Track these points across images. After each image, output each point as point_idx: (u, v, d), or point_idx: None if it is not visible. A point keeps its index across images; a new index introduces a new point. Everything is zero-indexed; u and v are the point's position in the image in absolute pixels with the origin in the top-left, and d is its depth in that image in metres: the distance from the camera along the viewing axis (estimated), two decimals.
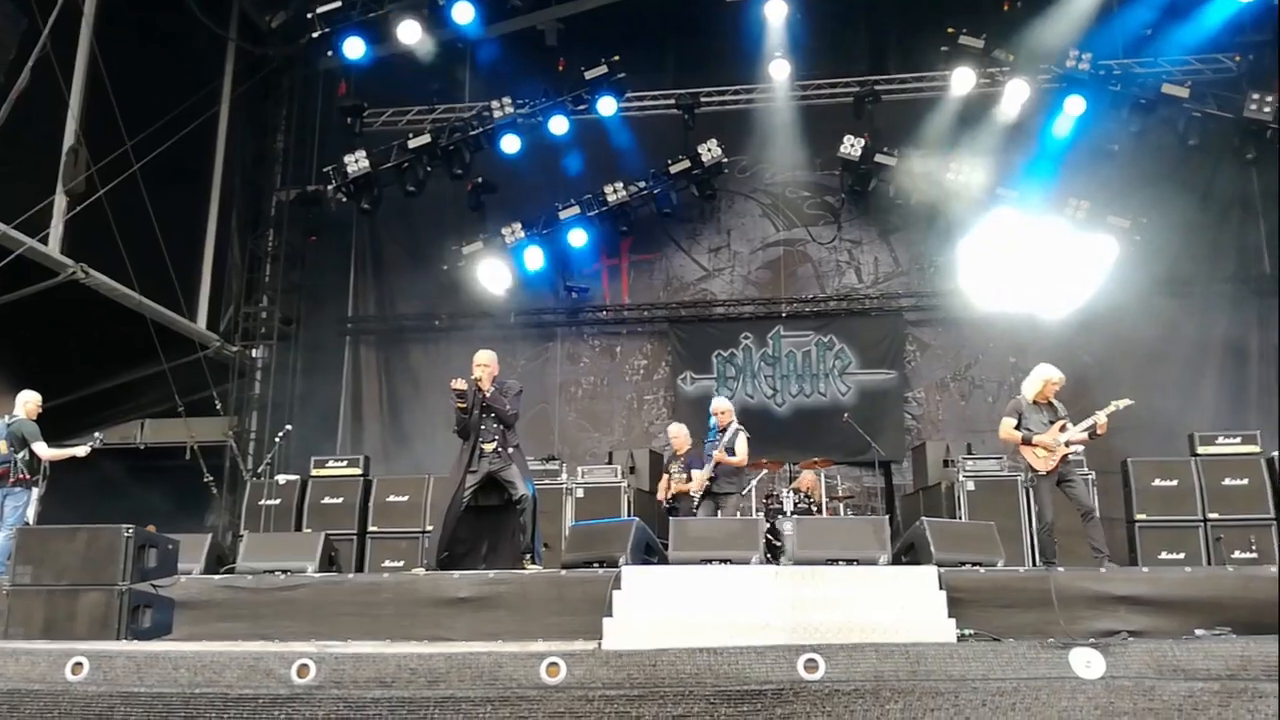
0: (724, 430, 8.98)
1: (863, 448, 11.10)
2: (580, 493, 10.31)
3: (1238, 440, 9.75)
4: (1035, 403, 7.82)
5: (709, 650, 3.69)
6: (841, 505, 11.00)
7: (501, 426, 7.73)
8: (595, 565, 7.15)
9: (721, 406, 9.25)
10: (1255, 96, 11.36)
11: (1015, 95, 11.95)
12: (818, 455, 10.91)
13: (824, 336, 13.27)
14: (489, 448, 7.67)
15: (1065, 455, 7.62)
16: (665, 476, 9.52)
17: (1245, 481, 9.38)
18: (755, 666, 3.63)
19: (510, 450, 7.75)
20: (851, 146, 12.22)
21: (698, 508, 8.86)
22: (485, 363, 7.81)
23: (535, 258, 12.93)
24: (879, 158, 12.22)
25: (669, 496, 9.34)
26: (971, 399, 12.93)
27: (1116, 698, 3.45)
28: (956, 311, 12.77)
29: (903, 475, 12.52)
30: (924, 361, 13.17)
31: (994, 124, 12.17)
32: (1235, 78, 12.16)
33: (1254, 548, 9.10)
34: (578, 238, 12.90)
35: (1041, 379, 7.85)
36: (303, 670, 3.64)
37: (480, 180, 12.95)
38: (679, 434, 9.64)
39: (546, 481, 10.36)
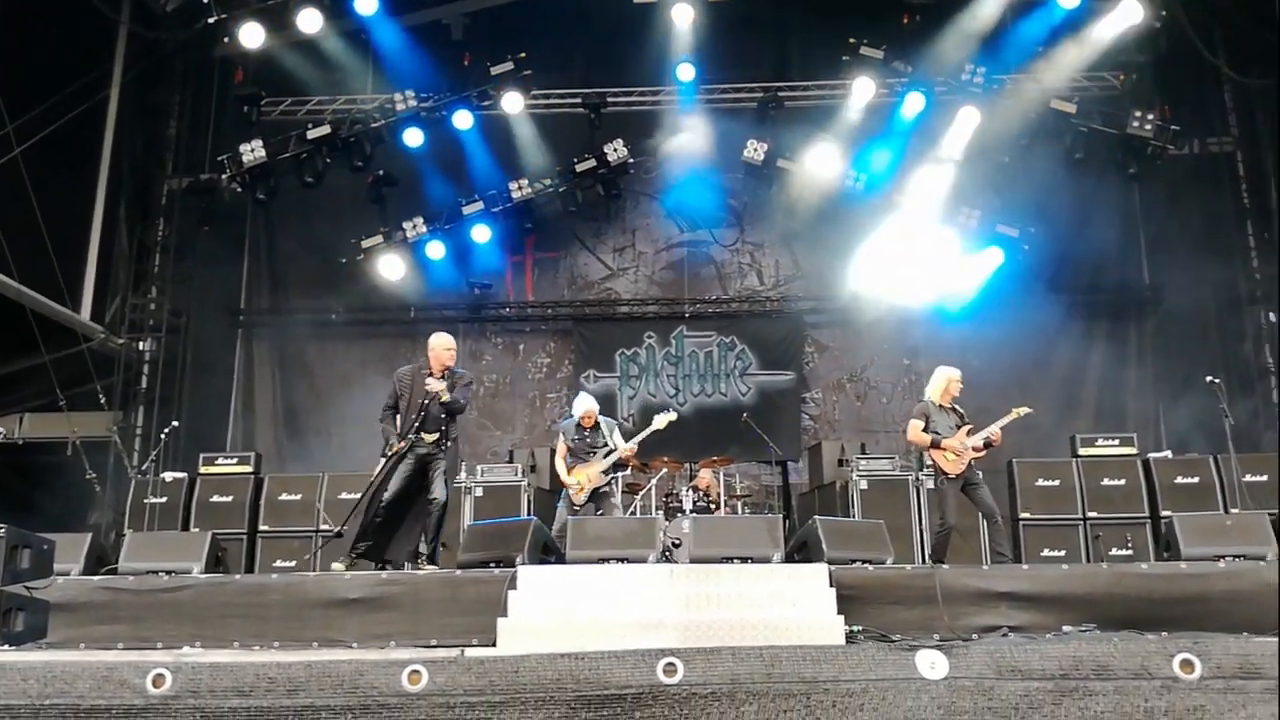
0: (591, 428, 8.84)
1: (761, 447, 11.27)
2: (479, 492, 10.22)
3: (1116, 442, 10.17)
4: (940, 405, 8.04)
5: (571, 655, 3.74)
6: (740, 504, 11.15)
7: (447, 417, 7.61)
8: (492, 565, 7.12)
9: (583, 409, 8.94)
10: (1137, 114, 11.88)
11: (912, 106, 12.27)
12: (717, 454, 11.03)
13: (725, 337, 13.43)
14: (430, 438, 7.53)
15: (971, 459, 7.82)
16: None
17: (1123, 482, 9.79)
18: (616, 671, 3.70)
19: (448, 444, 7.64)
20: (754, 151, 12.40)
21: (582, 507, 8.73)
22: (451, 347, 7.70)
23: (437, 253, 12.80)
24: (781, 163, 12.43)
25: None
26: (867, 400, 13.25)
27: (958, 697, 3.62)
28: (853, 314, 13.07)
29: (799, 474, 12.75)
30: (822, 363, 13.44)
31: (892, 133, 12.48)
32: (1119, 95, 12.71)
33: (1130, 545, 9.53)
34: (481, 234, 12.81)
35: (944, 379, 8.09)
36: (158, 680, 3.56)
37: (381, 173, 12.75)
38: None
39: None
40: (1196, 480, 9.61)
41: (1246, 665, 3.68)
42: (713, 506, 10.55)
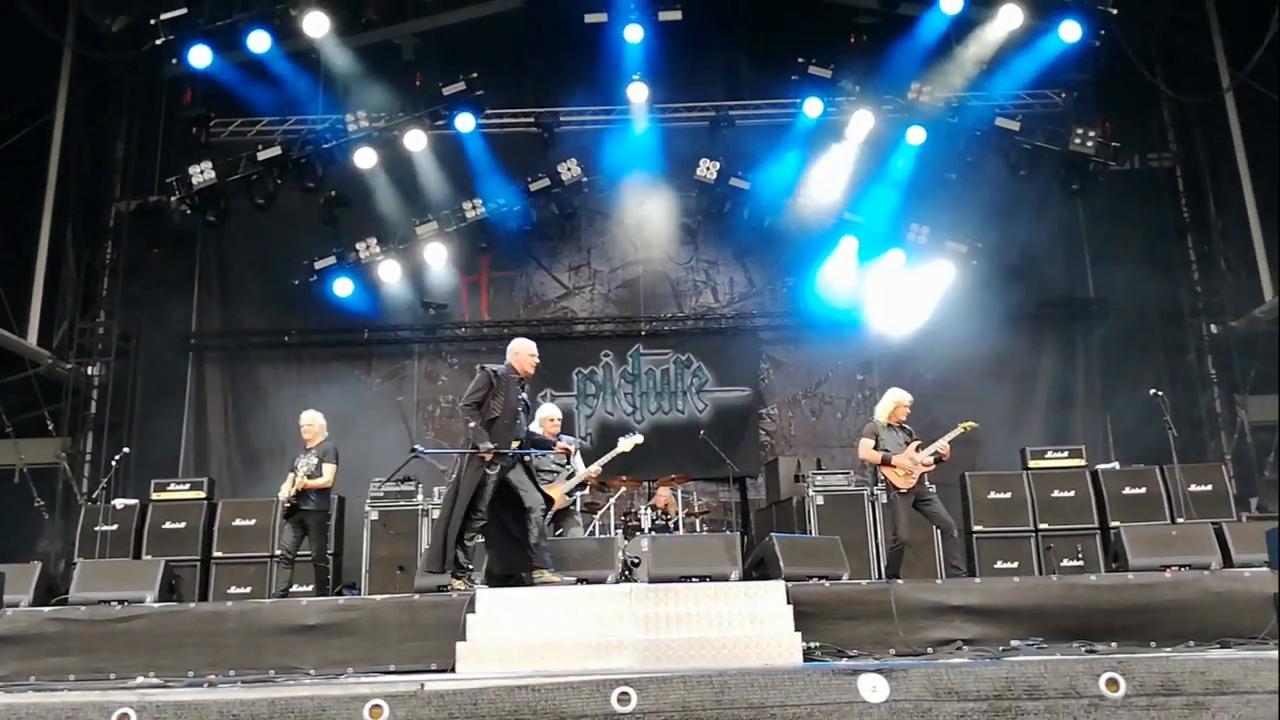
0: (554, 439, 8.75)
1: (719, 464, 11.34)
2: (435, 514, 10.16)
3: (1065, 454, 10.37)
4: (889, 425, 8.17)
5: (528, 688, 3.79)
6: (698, 521, 11.21)
7: (525, 424, 7.57)
8: (450, 589, 7.09)
9: (556, 414, 8.89)
10: (1079, 131, 12.15)
11: (861, 124, 12.49)
12: (675, 472, 11.07)
13: (682, 355, 13.52)
14: (514, 444, 7.38)
15: (923, 474, 7.94)
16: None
17: (1072, 493, 9.99)
18: (571, 701, 3.77)
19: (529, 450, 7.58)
20: (707, 170, 12.53)
21: (554, 524, 8.73)
22: (535, 354, 7.65)
23: (391, 274, 12.77)
24: (733, 181, 12.57)
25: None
26: (822, 415, 13.40)
27: (899, 719, 3.74)
28: (807, 331, 13.24)
29: (757, 490, 12.86)
30: (777, 379, 13.58)
31: (841, 151, 12.67)
32: (1061, 112, 13.01)
33: (1080, 555, 9.73)
34: (435, 254, 12.80)
35: (893, 402, 8.22)
36: None
37: (334, 194, 12.69)
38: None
39: (402, 503, 10.25)
40: (1143, 491, 9.83)
41: (1168, 682, 3.85)
42: (671, 525, 10.59)
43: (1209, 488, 9.70)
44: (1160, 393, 8.98)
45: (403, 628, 6.66)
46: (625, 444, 8.91)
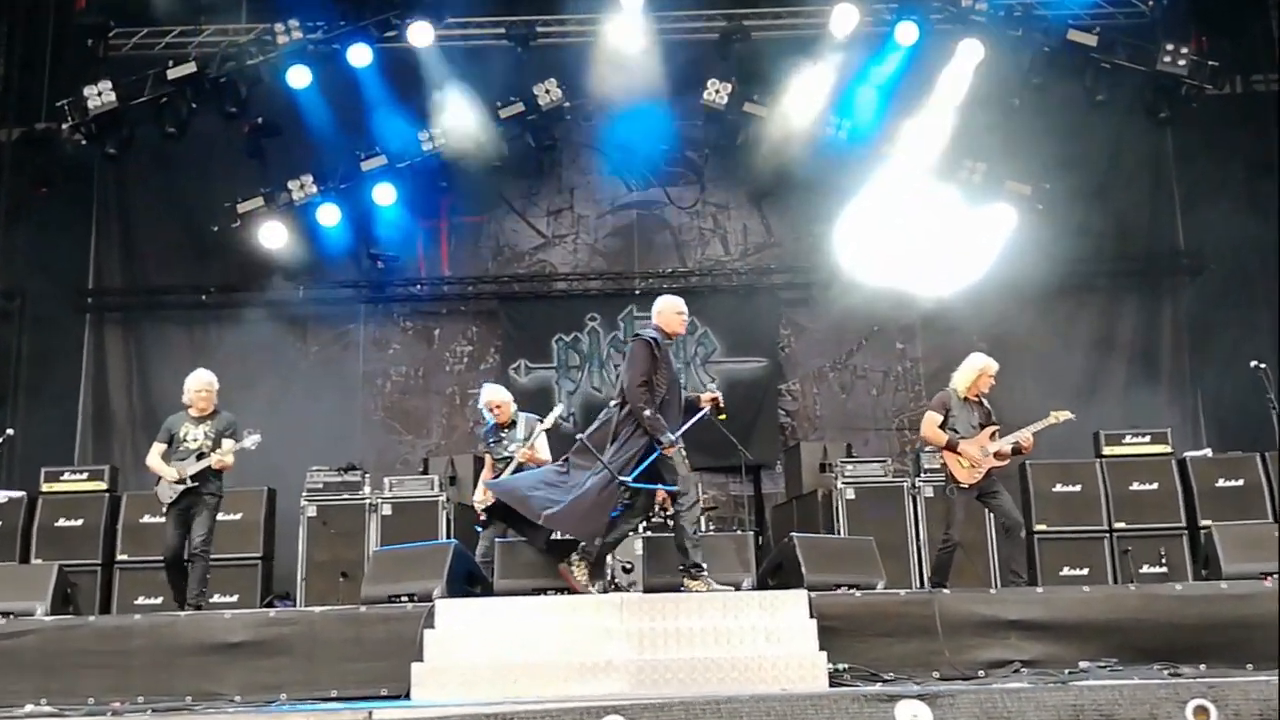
0: (507, 427, 8.82)
1: (728, 450, 11.30)
2: (387, 509, 10.25)
3: (1147, 439, 10.44)
4: (966, 399, 8.15)
5: (497, 717, 3.79)
6: (703, 518, 11.20)
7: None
8: (404, 599, 7.16)
9: (499, 398, 8.86)
10: (1170, 48, 12.02)
11: (903, 37, 12.39)
12: None
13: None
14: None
15: (992, 468, 7.95)
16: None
17: (1155, 486, 10.07)
18: None
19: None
20: (716, 93, 12.43)
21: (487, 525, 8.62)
22: (684, 312, 7.80)
23: (331, 218, 12.72)
24: (748, 107, 12.48)
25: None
26: (854, 392, 13.42)
27: None
28: (837, 290, 13.18)
29: (774, 482, 12.91)
30: (800, 348, 13.59)
31: (880, 72, 12.58)
32: (1148, 25, 12.93)
33: (1164, 561, 9.82)
34: (385, 194, 12.74)
35: (976, 370, 8.20)
36: None
37: (260, 121, 12.59)
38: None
39: (346, 496, 10.30)
40: (1241, 483, 9.93)
41: (1268, 712, 3.87)
42: (670, 523, 10.59)
43: None
44: (1264, 365, 8.96)
45: (346, 646, 6.70)
46: (551, 417, 8.88)
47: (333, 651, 6.67)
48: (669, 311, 7.71)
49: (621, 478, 7.16)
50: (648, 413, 7.23)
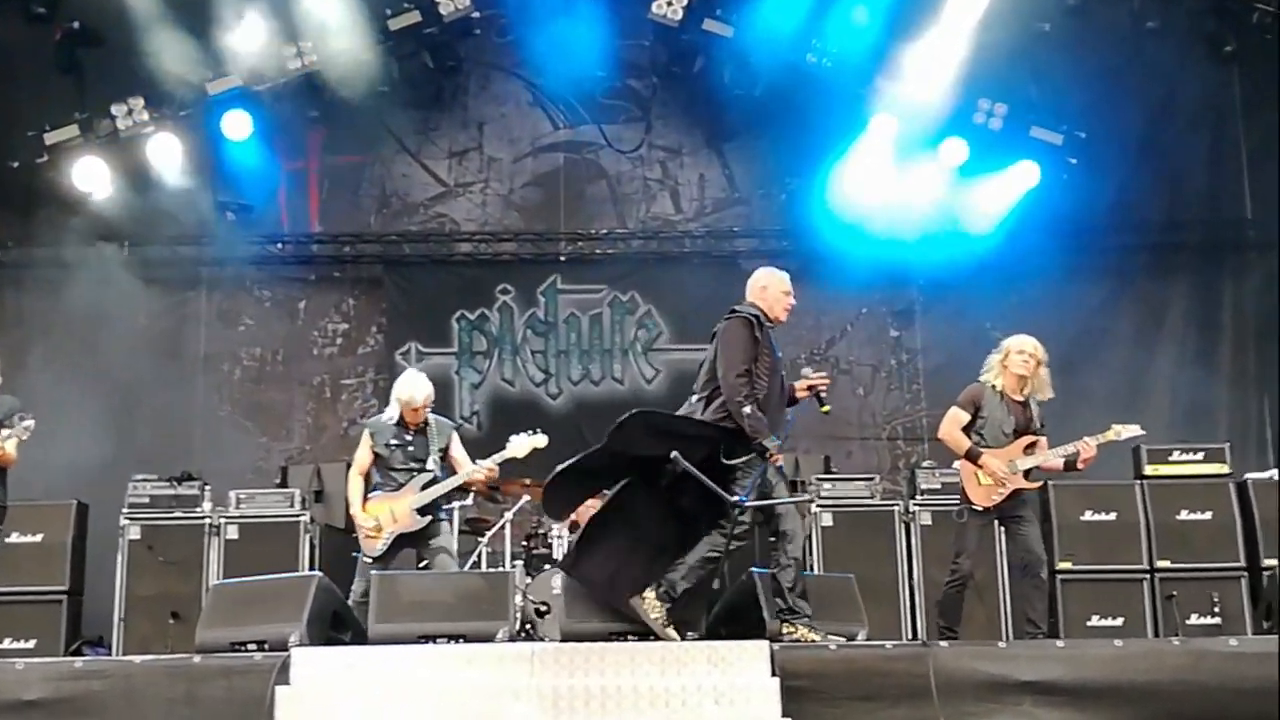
0: (416, 431, 8.75)
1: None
2: (233, 532, 10.21)
3: (1200, 457, 10.57)
4: (1004, 396, 8.10)
5: None
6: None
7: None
8: (251, 646, 7.10)
9: (427, 393, 8.73)
10: None
11: None
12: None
13: (623, 294, 13.53)
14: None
15: (1019, 490, 7.94)
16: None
17: (1209, 516, 10.20)
18: None
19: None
20: (669, 5, 12.39)
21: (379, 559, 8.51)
22: (790, 291, 7.83)
23: (168, 155, 12.57)
24: (708, 24, 12.46)
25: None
26: (835, 390, 13.37)
27: None
28: (816, 260, 13.22)
29: None
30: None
31: None
32: None
33: (1217, 610, 9.91)
34: (238, 125, 12.59)
35: (1001, 351, 8.17)
36: None
37: (76, 26, 12.37)
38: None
39: (179, 513, 10.23)
40: None
41: None
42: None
43: None
44: None
45: (175, 706, 6.62)
46: (518, 446, 8.81)
47: (158, 713, 6.58)
48: (774, 289, 7.76)
49: (739, 498, 7.04)
50: (747, 409, 7.20)
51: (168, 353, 13.12)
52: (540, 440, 8.91)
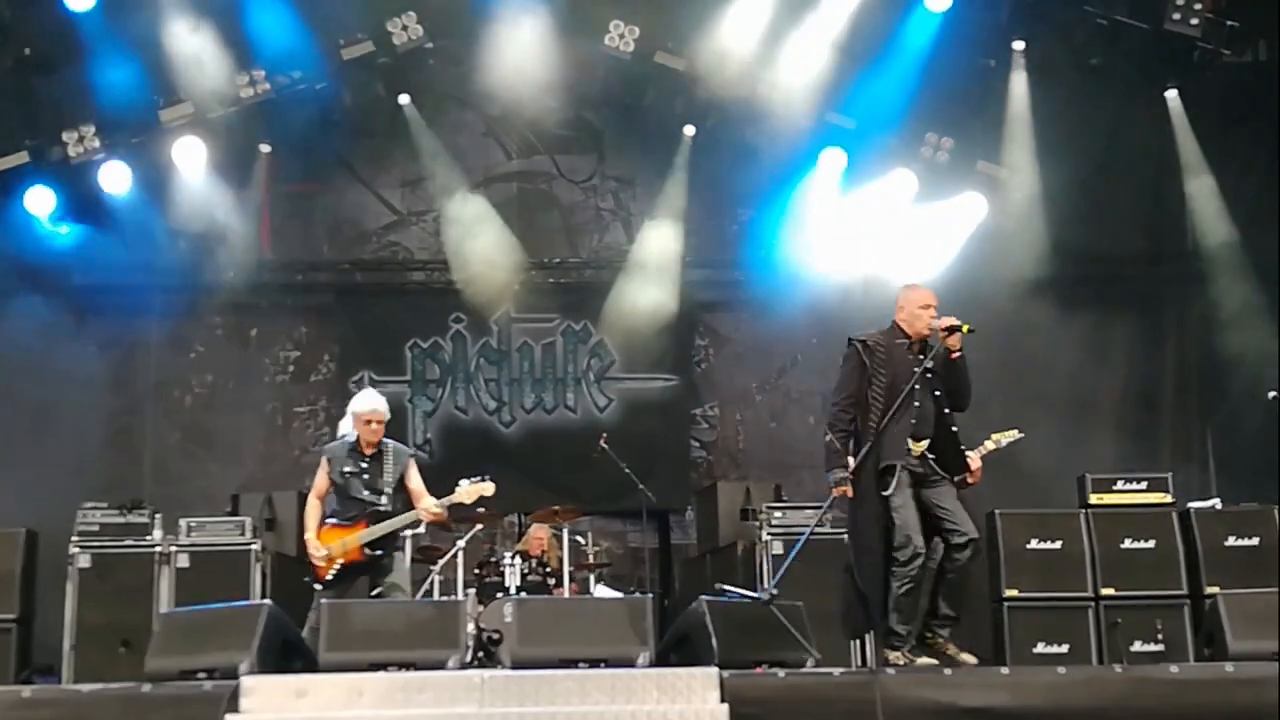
0: (372, 458, 8.64)
1: (627, 490, 11.37)
2: (184, 560, 10.13)
3: (1143, 486, 10.62)
4: None
5: None
6: (592, 576, 11.25)
7: (950, 409, 7.57)
8: (201, 675, 6.99)
9: (381, 411, 8.60)
10: (1180, 3, 12.21)
11: None
12: (560, 501, 11.09)
13: (576, 323, 13.60)
14: (919, 447, 7.46)
15: None
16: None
17: (1152, 544, 10.24)
18: None
19: (954, 456, 7.59)
20: (621, 38, 12.43)
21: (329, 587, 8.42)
22: (931, 304, 7.66)
23: (119, 182, 12.50)
24: (660, 57, 12.48)
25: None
26: (786, 418, 13.55)
27: None
28: (768, 292, 13.31)
29: (684, 531, 12.97)
30: (720, 363, 13.73)
31: (826, 21, 12.66)
32: None
33: (1160, 636, 9.99)
34: (190, 154, 12.53)
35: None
36: None
37: (28, 53, 12.27)
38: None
39: (129, 542, 10.13)
40: (1256, 542, 10.14)
41: None
42: (551, 582, 10.60)
43: None
44: None
45: None
46: (465, 494, 8.75)
47: None
48: (910, 306, 7.72)
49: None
50: (828, 436, 7.52)
51: (118, 380, 13.08)
52: (488, 488, 8.76)
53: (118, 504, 10.37)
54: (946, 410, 7.56)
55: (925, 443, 7.48)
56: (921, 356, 7.55)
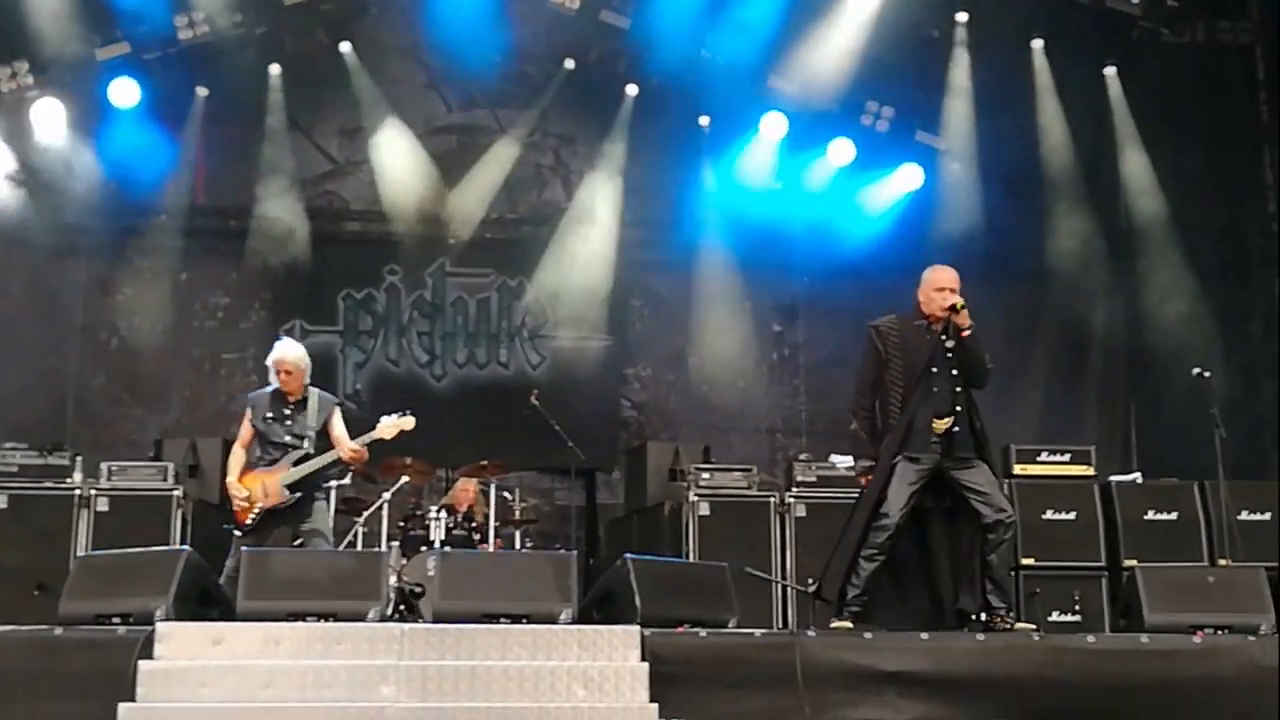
0: (294, 403, 8.54)
1: (556, 447, 11.32)
2: (103, 504, 9.98)
3: (1066, 458, 10.66)
4: None
5: None
6: (518, 532, 11.21)
7: (969, 388, 7.61)
8: (114, 619, 6.91)
9: (294, 359, 8.50)
10: None
11: None
12: (488, 456, 10.99)
13: (511, 279, 13.52)
14: (942, 424, 7.45)
15: None
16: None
17: (1073, 515, 10.30)
18: None
19: (979, 428, 7.62)
20: None
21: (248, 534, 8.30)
22: (947, 285, 7.64)
23: (51, 121, 12.35)
24: (605, 16, 12.44)
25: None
26: (717, 382, 13.51)
27: None
28: (704, 253, 13.27)
29: (612, 490, 12.97)
30: (654, 324, 13.72)
31: None
32: None
33: (1078, 606, 10.08)
34: (125, 93, 12.38)
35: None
36: None
37: None
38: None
39: (48, 484, 10.01)
40: (1174, 516, 10.23)
41: None
42: (476, 537, 10.56)
43: (1266, 516, 10.13)
44: (1208, 373, 9.27)
45: (36, 680, 6.46)
46: (385, 428, 8.65)
47: (16, 687, 6.41)
48: (926, 288, 7.76)
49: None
50: (853, 425, 7.70)
51: (42, 321, 12.89)
52: (408, 422, 8.70)
53: (38, 445, 10.24)
54: (958, 388, 7.60)
55: (949, 420, 7.50)
56: (944, 337, 7.60)
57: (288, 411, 8.48)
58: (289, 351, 8.58)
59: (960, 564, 7.65)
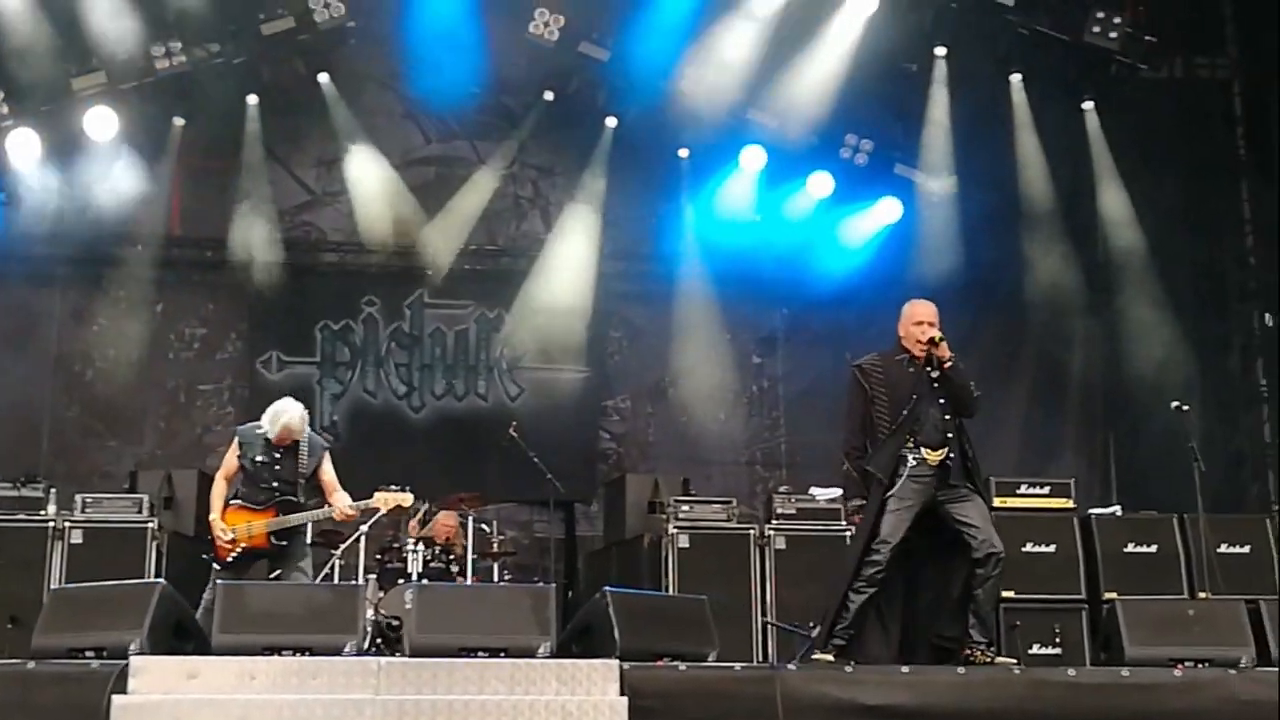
0: (286, 450, 8.46)
1: (535, 480, 11.29)
2: (77, 536, 9.91)
3: (1046, 491, 10.67)
4: None
5: None
6: (496, 565, 11.18)
7: (958, 418, 7.60)
8: (88, 653, 6.84)
9: (296, 425, 8.40)
10: (1101, 15, 12.34)
11: None
12: (466, 489, 11.04)
13: (490, 311, 13.50)
14: (935, 457, 7.42)
15: None
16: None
17: (1053, 549, 10.30)
18: None
19: (969, 463, 7.60)
20: (545, 26, 12.36)
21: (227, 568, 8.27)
22: (924, 320, 7.65)
23: (26, 151, 12.26)
24: (584, 47, 12.47)
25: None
26: (696, 414, 13.50)
27: None
28: (684, 285, 13.28)
29: (591, 523, 12.93)
30: (633, 355, 13.71)
31: (749, 20, 12.65)
32: None
33: (1058, 639, 10.07)
34: (101, 124, 12.31)
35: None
36: None
37: None
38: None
39: (21, 516, 9.94)
40: (1154, 549, 10.24)
41: None
42: (454, 569, 10.53)
43: (1247, 550, 10.16)
44: (1186, 407, 9.29)
45: (9, 715, 6.38)
46: (382, 499, 8.64)
47: None
48: (905, 323, 7.79)
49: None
50: (845, 465, 7.70)
51: (17, 351, 12.81)
52: (406, 499, 8.76)
53: (12, 477, 10.19)
54: (947, 416, 7.59)
55: (941, 452, 7.49)
56: (928, 369, 7.60)
57: (278, 455, 8.42)
58: (293, 418, 8.44)
59: (946, 596, 7.61)
